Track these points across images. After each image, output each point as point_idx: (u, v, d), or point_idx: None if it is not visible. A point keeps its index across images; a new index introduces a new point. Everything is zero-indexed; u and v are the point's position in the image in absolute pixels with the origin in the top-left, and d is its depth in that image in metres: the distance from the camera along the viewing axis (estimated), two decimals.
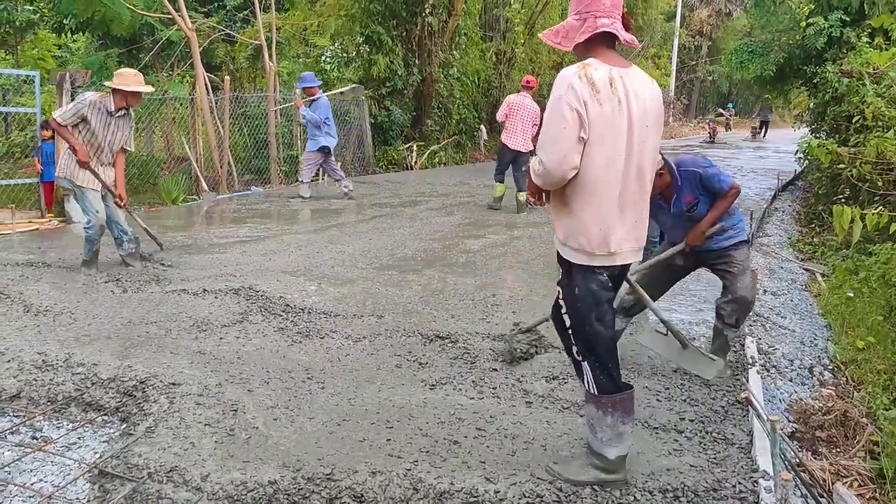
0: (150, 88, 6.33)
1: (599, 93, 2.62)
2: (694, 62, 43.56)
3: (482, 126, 20.46)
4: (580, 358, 2.91)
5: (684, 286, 5.65)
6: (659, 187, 4.01)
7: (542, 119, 2.85)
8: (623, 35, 2.73)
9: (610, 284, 2.87)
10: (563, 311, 2.92)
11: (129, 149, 6.42)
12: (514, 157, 9.95)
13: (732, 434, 3.45)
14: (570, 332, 2.92)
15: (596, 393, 2.88)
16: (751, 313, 5.24)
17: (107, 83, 6.10)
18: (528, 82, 10.27)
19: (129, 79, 6.06)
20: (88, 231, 6.13)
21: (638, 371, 4.25)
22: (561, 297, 2.94)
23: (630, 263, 2.93)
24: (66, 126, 5.92)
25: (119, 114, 6.12)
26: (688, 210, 4.09)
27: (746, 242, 4.29)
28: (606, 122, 2.64)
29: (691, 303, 5.77)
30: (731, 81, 42.62)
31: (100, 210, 6.11)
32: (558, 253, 2.90)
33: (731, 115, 37.84)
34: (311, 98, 10.99)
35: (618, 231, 2.76)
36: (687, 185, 4.05)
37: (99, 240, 6.16)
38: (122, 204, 6.34)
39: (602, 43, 2.74)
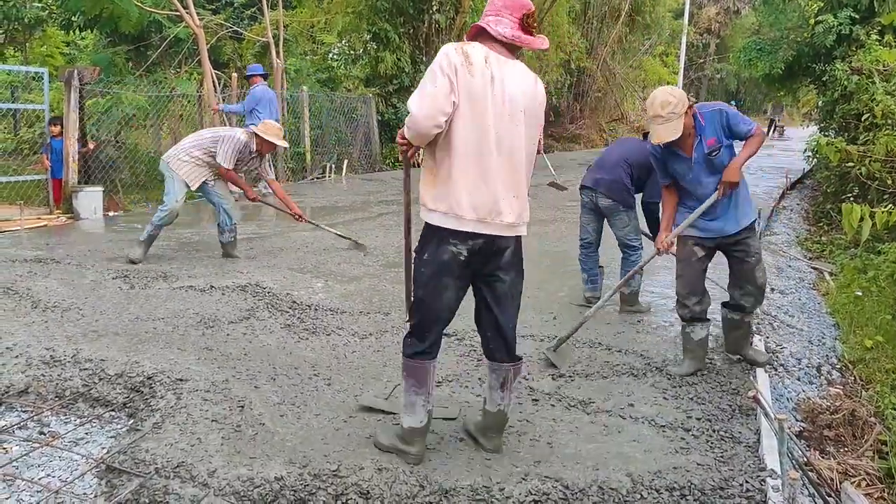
0: (285, 144, 6.96)
1: (472, 65, 2.77)
2: (702, 60, 43.40)
3: None
4: (406, 318, 3.09)
5: None
6: (690, 125, 3.95)
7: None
8: (493, 29, 2.88)
9: (463, 257, 2.87)
10: (413, 268, 3.03)
11: (269, 177, 7.14)
12: None
13: (740, 433, 3.44)
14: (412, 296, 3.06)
15: (403, 355, 3.06)
16: (758, 311, 5.22)
17: (252, 128, 6.70)
18: None
19: (270, 130, 6.62)
20: (163, 213, 6.55)
21: (646, 369, 4.23)
22: (414, 256, 3.05)
23: (501, 239, 2.90)
24: (230, 169, 6.54)
25: (254, 154, 6.67)
26: (709, 153, 3.97)
27: (756, 222, 4.31)
28: (477, 93, 2.77)
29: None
30: (739, 79, 42.42)
31: (180, 200, 6.63)
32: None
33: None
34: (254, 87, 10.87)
35: (481, 201, 2.82)
36: (710, 127, 3.95)
37: (164, 227, 6.69)
38: (302, 219, 7.10)
39: (494, 40, 2.90)
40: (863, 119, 8.51)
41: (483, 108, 2.79)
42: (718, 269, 4.97)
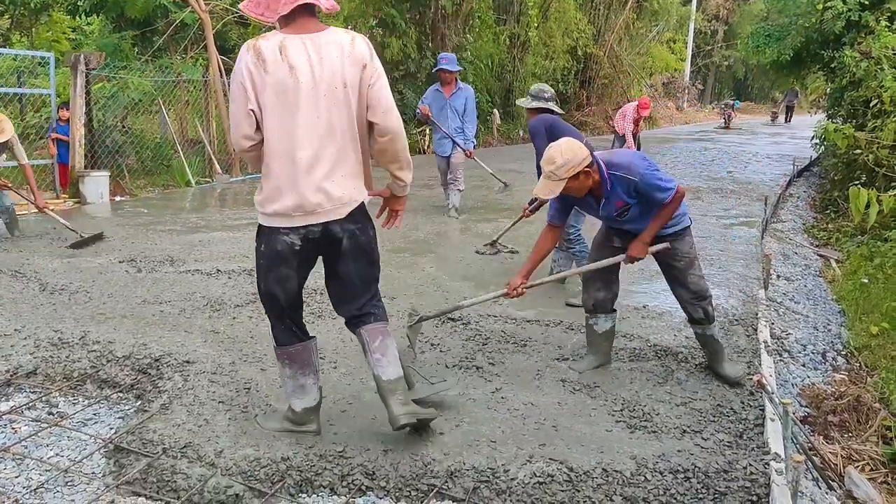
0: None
1: (266, 62, 2.70)
2: (710, 47, 43.16)
3: (495, 110, 20.37)
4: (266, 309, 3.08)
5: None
6: (586, 187, 3.55)
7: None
8: (323, 3, 2.80)
9: (298, 246, 2.87)
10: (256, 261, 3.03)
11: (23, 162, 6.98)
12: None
13: (744, 417, 3.45)
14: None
15: (275, 345, 3.10)
16: (763, 297, 5.22)
17: None
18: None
19: None
20: None
21: (651, 353, 4.24)
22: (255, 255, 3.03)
23: (335, 221, 2.87)
24: None
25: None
26: (618, 215, 3.67)
27: (688, 229, 3.85)
28: (278, 88, 2.71)
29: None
30: (747, 66, 42.19)
31: None
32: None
33: (734, 114, 33.79)
34: None
35: (306, 191, 2.79)
36: (618, 189, 3.57)
37: None
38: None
39: (302, 13, 2.80)
40: (871, 105, 8.46)
41: (292, 99, 2.73)
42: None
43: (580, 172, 3.47)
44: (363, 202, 2.96)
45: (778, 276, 6.35)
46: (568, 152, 3.46)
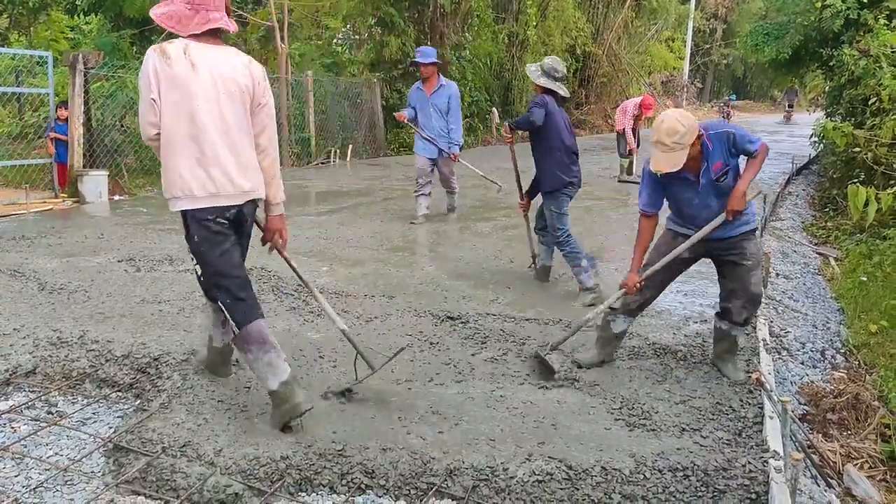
0: None
1: (170, 58, 2.99)
2: (708, 45, 43.14)
3: (494, 109, 20.33)
4: (218, 302, 3.18)
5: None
6: (695, 155, 3.60)
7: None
8: (231, 27, 3.16)
9: (226, 226, 3.14)
10: (194, 262, 3.20)
11: None
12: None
13: (743, 415, 3.45)
14: (202, 279, 3.24)
15: (237, 331, 3.16)
16: (763, 298, 5.22)
17: None
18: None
19: None
20: None
21: (650, 352, 4.24)
22: (189, 250, 3.22)
23: (247, 203, 3.19)
24: None
25: None
26: (717, 178, 3.66)
27: (756, 231, 3.94)
28: (180, 82, 2.99)
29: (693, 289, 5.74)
30: (745, 65, 42.19)
31: None
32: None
33: (730, 110, 33.46)
34: None
35: (211, 174, 3.06)
36: (717, 150, 3.64)
37: None
38: None
39: (210, 32, 3.11)
40: (870, 104, 8.46)
41: (190, 92, 3.01)
42: None
43: (696, 139, 3.54)
44: (258, 190, 3.25)
45: (777, 275, 6.36)
46: (687, 118, 3.52)
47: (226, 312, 3.17)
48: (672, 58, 31.51)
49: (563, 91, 5.49)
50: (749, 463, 2.96)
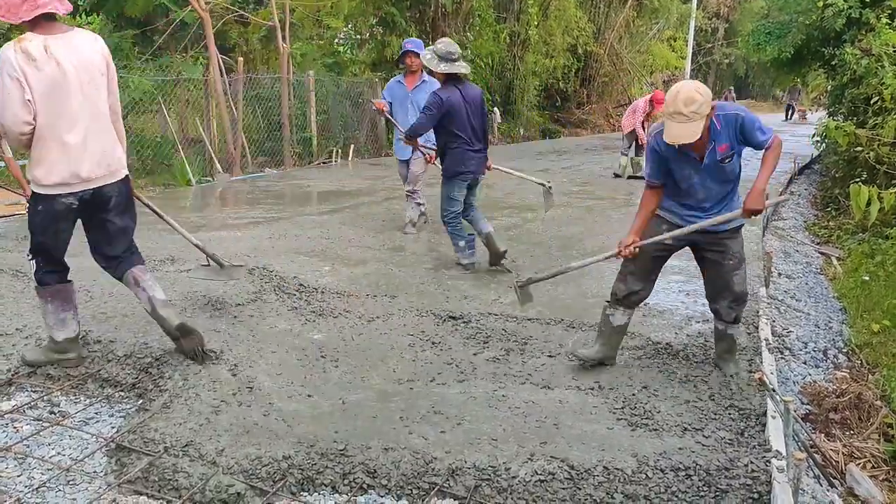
0: None
1: (36, 60, 3.22)
2: (710, 45, 43.09)
3: (496, 109, 20.35)
4: (30, 257, 3.66)
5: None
6: (707, 128, 3.46)
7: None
8: (61, 9, 3.33)
9: (75, 206, 3.51)
10: (28, 220, 3.59)
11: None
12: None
13: (745, 414, 3.45)
14: (31, 237, 3.62)
15: (39, 285, 3.68)
16: (764, 295, 5.21)
17: None
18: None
19: None
20: None
21: (653, 352, 4.23)
22: (27, 210, 3.64)
23: (107, 186, 3.56)
24: None
25: None
26: (721, 160, 3.55)
27: (742, 227, 3.82)
28: (48, 81, 3.25)
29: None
30: (748, 64, 42.14)
31: None
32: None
33: (729, 96, 32.92)
34: None
35: (78, 163, 3.41)
36: (725, 131, 3.50)
37: None
38: None
39: (42, 17, 3.29)
40: (872, 103, 8.45)
41: (64, 91, 3.30)
42: None
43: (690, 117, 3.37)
44: (125, 167, 3.68)
45: (779, 274, 6.35)
46: (703, 88, 3.40)
47: (33, 270, 3.69)
48: (674, 57, 31.45)
49: (463, 70, 5.71)
50: (751, 463, 2.96)
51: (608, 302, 3.99)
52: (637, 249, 3.72)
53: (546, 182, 7.06)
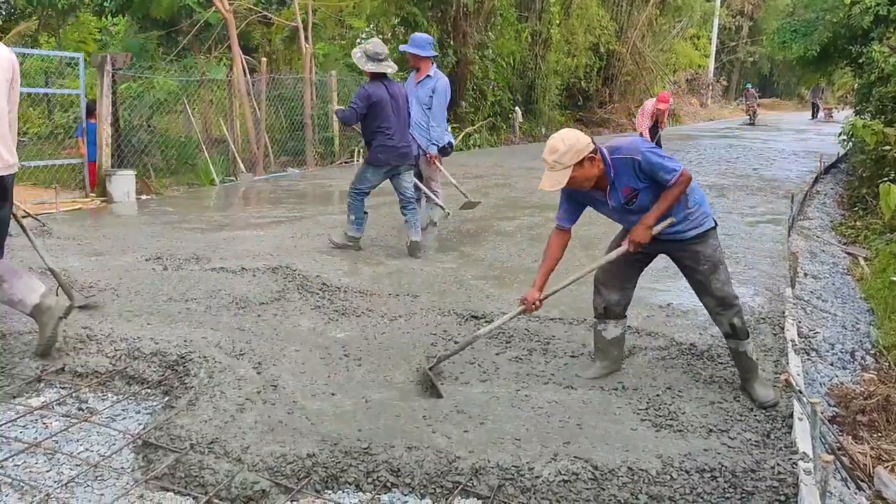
0: None
1: None
2: (734, 43, 42.74)
3: (517, 108, 20.33)
4: None
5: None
6: (592, 176, 3.42)
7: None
8: None
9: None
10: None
11: None
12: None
13: (772, 416, 3.41)
14: None
15: None
16: (791, 296, 5.16)
17: None
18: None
19: None
20: None
21: (677, 352, 4.21)
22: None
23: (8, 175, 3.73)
24: None
25: None
26: (626, 202, 3.50)
27: (713, 231, 3.62)
28: None
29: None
30: (772, 62, 41.74)
31: None
32: None
33: (756, 105, 31.51)
34: None
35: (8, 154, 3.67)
36: (623, 175, 3.44)
37: None
38: None
39: None
40: None
41: None
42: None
43: (584, 159, 3.34)
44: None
45: (805, 274, 6.28)
46: (570, 138, 3.35)
47: None
48: (697, 55, 31.26)
49: (390, 69, 6.17)
50: (778, 465, 2.93)
51: (597, 318, 3.91)
52: (541, 303, 3.70)
53: (466, 194, 7.77)
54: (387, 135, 6.22)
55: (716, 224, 3.67)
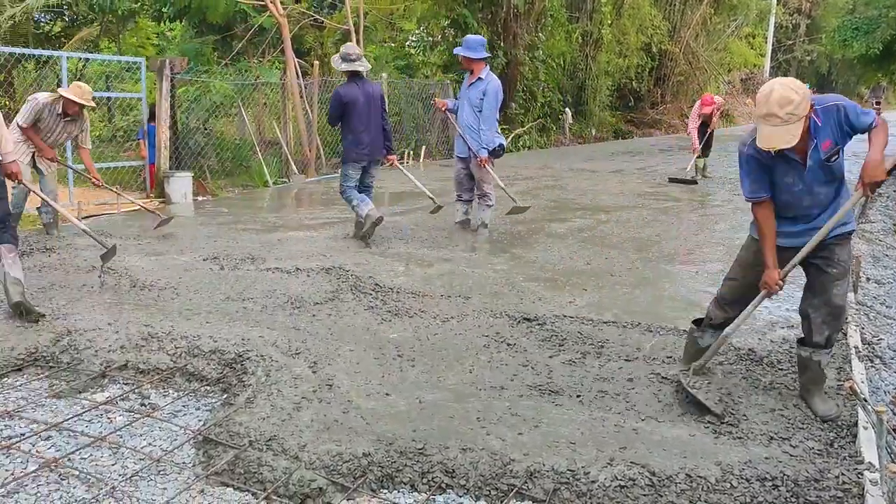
0: (87, 102, 6.68)
1: None
2: (791, 41, 41.69)
3: (567, 109, 20.19)
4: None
5: None
6: (804, 131, 3.14)
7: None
8: None
9: None
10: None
11: (84, 146, 7.10)
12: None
13: (835, 424, 3.32)
14: None
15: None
16: (853, 302, 5.01)
17: (60, 90, 6.67)
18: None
19: (72, 89, 6.65)
20: None
21: (735, 358, 4.12)
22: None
23: None
24: (27, 126, 6.57)
25: (60, 115, 6.70)
26: (826, 159, 3.23)
27: (852, 234, 3.45)
28: None
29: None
30: (831, 61, 40.61)
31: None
32: None
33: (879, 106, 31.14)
34: None
35: None
36: (826, 126, 3.20)
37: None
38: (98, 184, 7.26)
39: None
40: None
41: None
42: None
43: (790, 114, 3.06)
44: None
45: (868, 279, 6.10)
46: (800, 85, 3.13)
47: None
48: (752, 55, 30.61)
49: (362, 68, 6.70)
50: (843, 475, 2.85)
51: (696, 325, 3.85)
52: (783, 282, 3.43)
53: (434, 200, 7.80)
54: (358, 133, 6.70)
55: (853, 231, 3.49)
